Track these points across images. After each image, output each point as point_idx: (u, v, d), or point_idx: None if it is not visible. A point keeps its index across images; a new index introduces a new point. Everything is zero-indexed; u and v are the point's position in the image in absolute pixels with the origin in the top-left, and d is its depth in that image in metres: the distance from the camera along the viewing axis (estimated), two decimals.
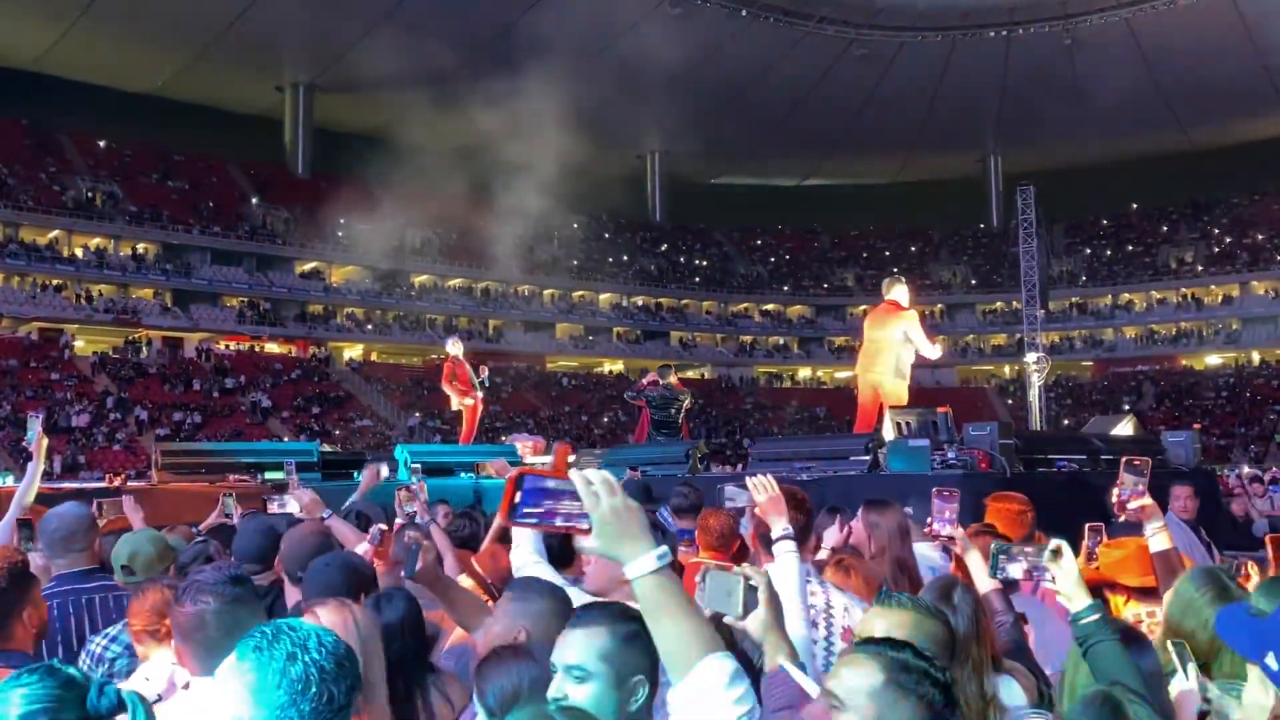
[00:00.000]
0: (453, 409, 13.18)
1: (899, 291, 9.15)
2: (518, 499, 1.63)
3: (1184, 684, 2.38)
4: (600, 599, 2.65)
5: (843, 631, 3.15)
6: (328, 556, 3.37)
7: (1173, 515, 5.41)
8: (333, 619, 2.14)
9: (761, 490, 3.22)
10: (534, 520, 1.66)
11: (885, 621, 2.21)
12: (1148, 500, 3.41)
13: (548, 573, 3.03)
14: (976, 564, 3.25)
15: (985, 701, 2.53)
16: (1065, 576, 2.53)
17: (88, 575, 3.56)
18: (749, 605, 1.97)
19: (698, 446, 8.80)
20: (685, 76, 47.08)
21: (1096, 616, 2.48)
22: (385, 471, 11.07)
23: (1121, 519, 3.48)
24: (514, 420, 43.24)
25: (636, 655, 1.74)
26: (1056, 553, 2.56)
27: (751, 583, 1.98)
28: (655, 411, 11.10)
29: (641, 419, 11.53)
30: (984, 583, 3.17)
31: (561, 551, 3.36)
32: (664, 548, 1.65)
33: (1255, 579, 3.53)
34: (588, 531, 1.64)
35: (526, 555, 3.16)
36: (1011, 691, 2.65)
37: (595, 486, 1.64)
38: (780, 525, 3.20)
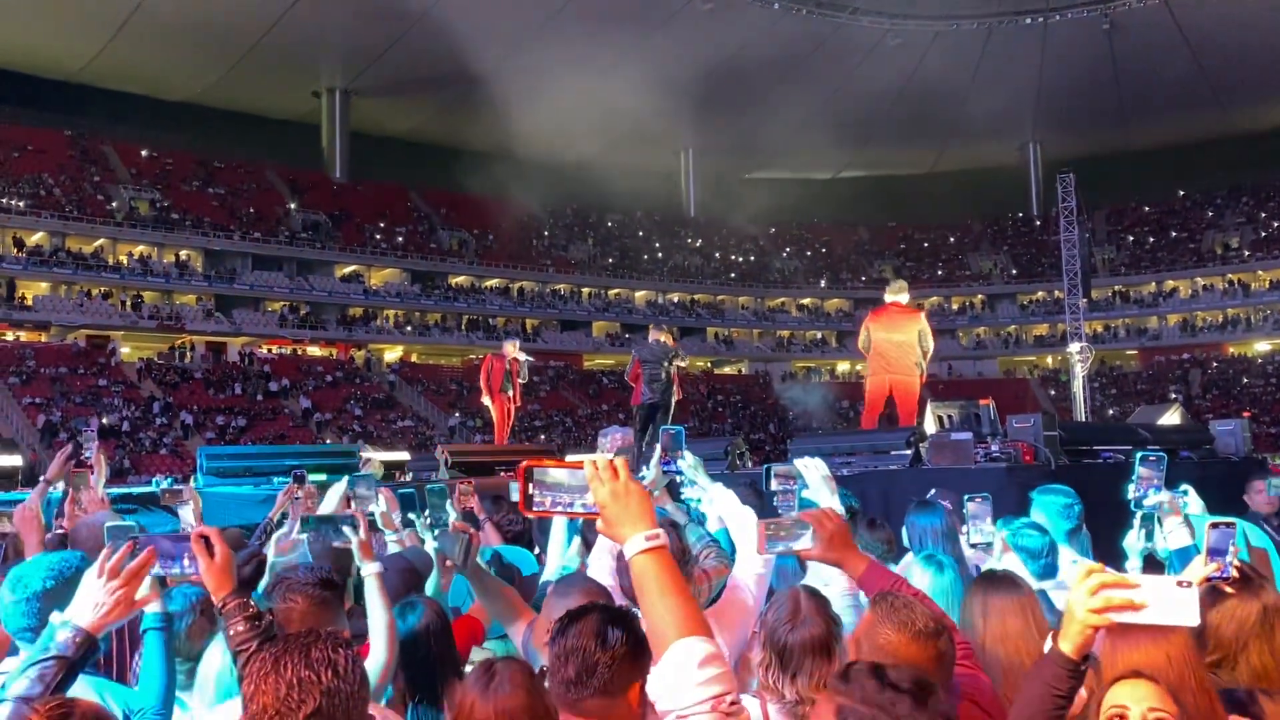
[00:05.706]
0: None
1: (905, 294, 9.57)
2: (530, 490, 1.72)
3: None
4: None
5: None
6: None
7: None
8: None
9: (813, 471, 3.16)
10: (549, 508, 1.76)
11: None
12: (1165, 495, 3.34)
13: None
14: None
15: None
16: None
17: None
18: None
19: (736, 443, 8.73)
20: (719, 71, 46.96)
21: None
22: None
23: (1139, 515, 3.40)
24: (551, 419, 43.39)
25: None
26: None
27: None
28: (647, 368, 11.20)
29: (638, 383, 11.57)
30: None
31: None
32: (656, 530, 1.73)
33: None
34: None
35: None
36: None
37: (599, 472, 1.73)
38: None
